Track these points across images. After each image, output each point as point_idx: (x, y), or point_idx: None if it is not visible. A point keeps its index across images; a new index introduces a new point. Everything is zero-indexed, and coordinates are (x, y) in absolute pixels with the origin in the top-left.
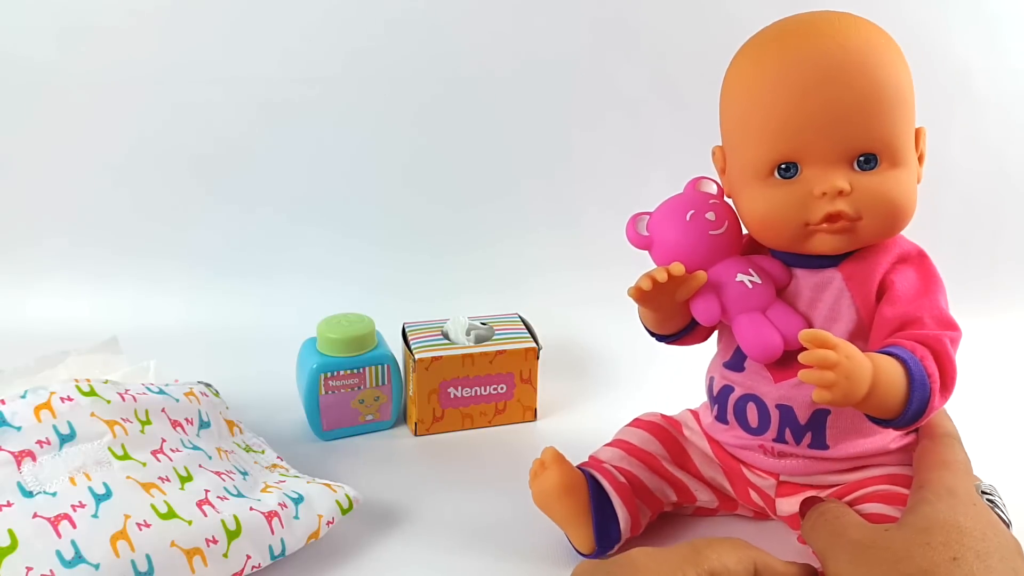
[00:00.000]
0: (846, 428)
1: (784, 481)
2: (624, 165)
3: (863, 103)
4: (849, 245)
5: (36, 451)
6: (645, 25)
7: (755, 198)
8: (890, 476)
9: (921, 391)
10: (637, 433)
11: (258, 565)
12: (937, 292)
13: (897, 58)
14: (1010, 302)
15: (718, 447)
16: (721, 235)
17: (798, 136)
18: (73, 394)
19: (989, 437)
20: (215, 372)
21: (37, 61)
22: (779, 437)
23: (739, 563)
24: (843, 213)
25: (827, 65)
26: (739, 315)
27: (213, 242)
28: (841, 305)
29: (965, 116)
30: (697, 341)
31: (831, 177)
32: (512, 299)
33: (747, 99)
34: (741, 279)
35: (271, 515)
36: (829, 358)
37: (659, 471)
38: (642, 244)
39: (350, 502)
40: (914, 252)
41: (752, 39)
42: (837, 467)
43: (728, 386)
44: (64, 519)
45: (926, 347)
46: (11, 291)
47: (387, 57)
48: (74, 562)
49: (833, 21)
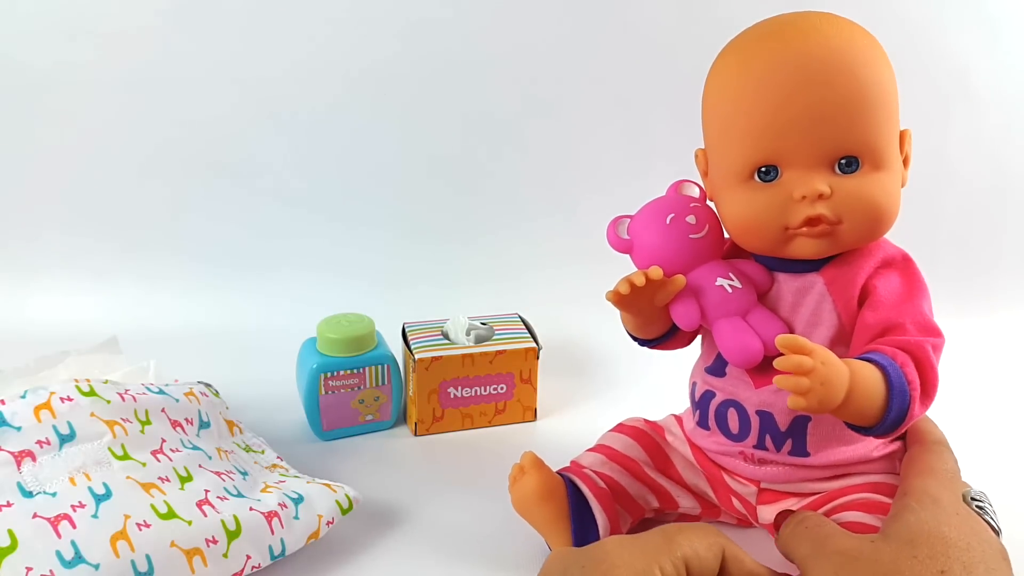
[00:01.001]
0: (827, 435)
1: (765, 488)
2: (625, 165)
3: (843, 105)
4: (830, 249)
5: (36, 451)
6: (647, 23)
7: (735, 202)
8: (872, 484)
9: (901, 398)
10: (619, 438)
11: (258, 565)
12: (921, 298)
13: (879, 59)
14: (1010, 302)
15: (700, 453)
16: (701, 239)
17: (778, 139)
18: (73, 394)
19: (989, 437)
20: (215, 372)
21: (37, 61)
22: (759, 444)
23: (709, 549)
24: (823, 217)
25: (806, 66)
26: (719, 320)
27: (213, 242)
28: (822, 310)
29: (965, 116)
30: (680, 346)
31: (811, 180)
32: (512, 299)
33: (726, 102)
34: (721, 283)
35: (271, 515)
36: (804, 364)
37: (641, 477)
38: (622, 248)
39: (350, 502)
40: (899, 256)
41: (732, 41)
42: (818, 475)
43: (710, 391)
44: (64, 519)
45: (907, 353)
46: (11, 291)
47: (386, 57)
48: (74, 562)
49: (814, 21)
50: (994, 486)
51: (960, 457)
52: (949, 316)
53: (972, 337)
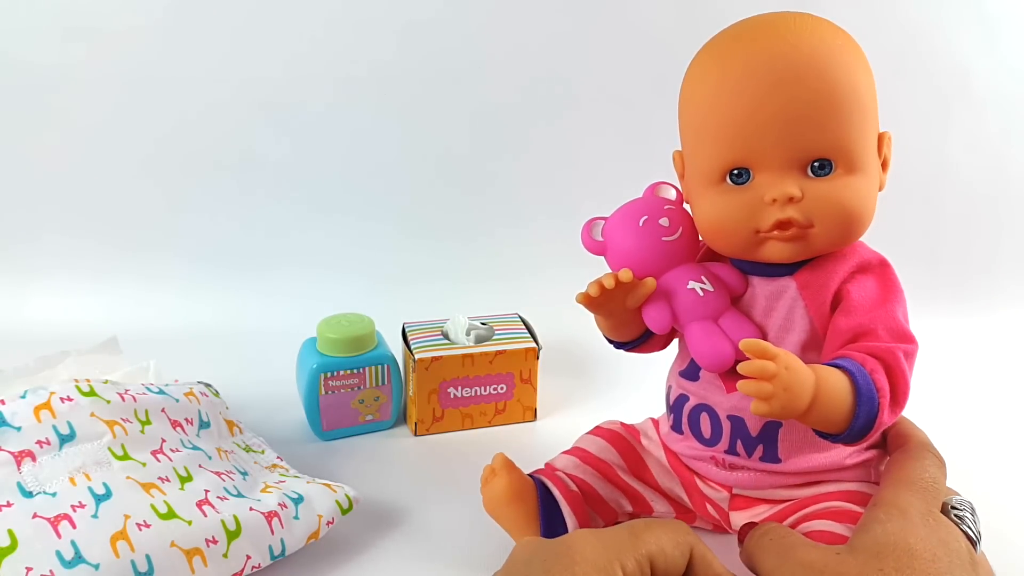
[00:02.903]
0: (799, 442)
1: (737, 494)
2: (625, 165)
3: (815, 107)
4: (802, 253)
5: (36, 451)
6: (651, 25)
7: (707, 204)
8: (845, 493)
9: (868, 405)
10: (595, 441)
11: (258, 565)
12: (895, 303)
13: (855, 60)
14: (1010, 301)
15: (674, 457)
16: (675, 241)
17: (749, 141)
18: (73, 394)
19: (989, 436)
20: (215, 372)
21: (37, 61)
22: (731, 449)
23: (676, 547)
24: (793, 220)
25: (777, 68)
26: (691, 323)
27: (213, 242)
28: (795, 314)
29: (965, 116)
30: (656, 349)
31: (782, 183)
32: (512, 299)
33: (699, 104)
34: (692, 286)
35: (271, 515)
36: (767, 369)
37: (614, 480)
38: (596, 249)
39: (350, 502)
40: (875, 261)
41: (708, 42)
42: (790, 481)
43: (683, 395)
44: (64, 519)
45: (878, 360)
46: (11, 291)
47: (387, 58)
48: (74, 562)
49: (788, 22)
50: (994, 485)
51: (959, 456)
52: (949, 316)
53: (972, 337)
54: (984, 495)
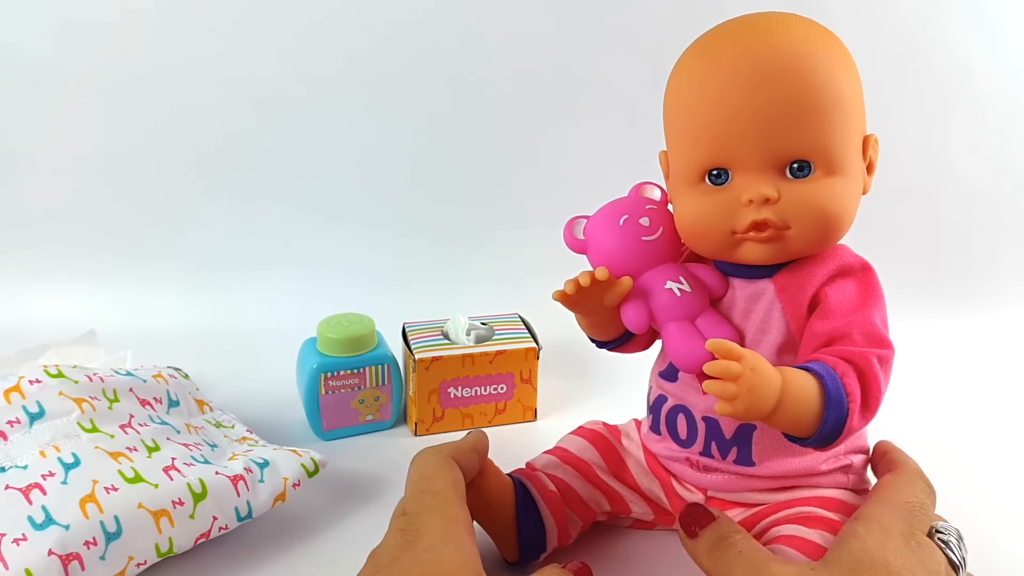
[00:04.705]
0: (773, 445)
1: (712, 497)
2: (625, 165)
3: (794, 108)
4: (779, 255)
5: (7, 431)
6: (645, 24)
7: (686, 204)
8: (820, 499)
9: (837, 410)
10: (576, 441)
11: (225, 527)
12: (873, 308)
13: (838, 61)
14: (1011, 301)
15: (652, 458)
16: (655, 241)
17: (728, 142)
18: (41, 376)
19: (988, 436)
20: (215, 372)
21: (35, 59)
22: (705, 450)
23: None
24: (769, 222)
25: (756, 68)
26: (668, 323)
27: (213, 242)
28: (772, 317)
29: (965, 116)
30: (638, 349)
31: (759, 184)
32: (512, 299)
33: (681, 103)
34: (670, 286)
35: (236, 479)
36: (731, 369)
37: (593, 480)
38: (578, 248)
39: (316, 465)
40: (857, 265)
41: (693, 42)
42: (764, 485)
43: (662, 396)
44: (35, 488)
45: (850, 364)
46: (11, 291)
47: (386, 57)
48: (44, 524)
49: (772, 22)
50: (994, 484)
51: (959, 456)
52: (949, 316)
53: (972, 336)
54: (984, 495)
